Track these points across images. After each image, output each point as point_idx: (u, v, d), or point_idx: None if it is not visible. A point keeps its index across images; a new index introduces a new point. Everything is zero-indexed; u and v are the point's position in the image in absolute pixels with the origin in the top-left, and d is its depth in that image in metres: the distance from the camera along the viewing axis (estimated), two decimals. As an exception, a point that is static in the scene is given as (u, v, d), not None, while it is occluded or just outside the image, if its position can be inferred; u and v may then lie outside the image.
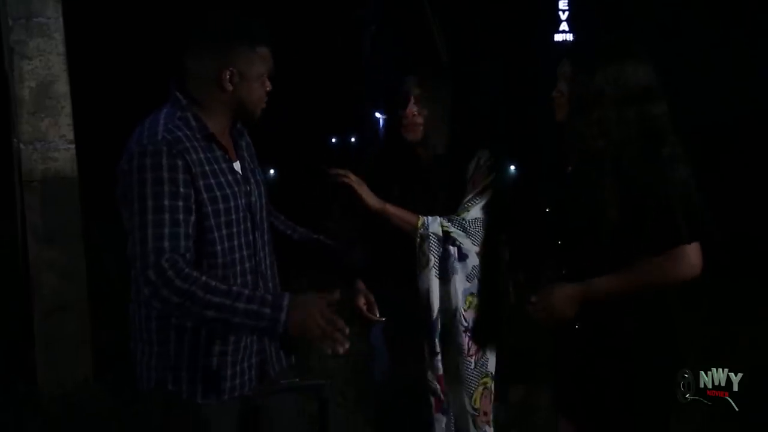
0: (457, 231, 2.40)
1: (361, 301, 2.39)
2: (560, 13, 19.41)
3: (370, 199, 2.36)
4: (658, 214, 2.05)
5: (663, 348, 2.21)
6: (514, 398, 3.50)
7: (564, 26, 19.45)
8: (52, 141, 3.83)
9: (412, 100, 2.40)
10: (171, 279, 1.78)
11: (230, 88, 1.93)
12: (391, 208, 2.38)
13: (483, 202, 2.44)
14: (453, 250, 2.40)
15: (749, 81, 11.24)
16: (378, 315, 2.36)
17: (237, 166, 2.02)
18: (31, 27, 3.79)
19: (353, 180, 2.34)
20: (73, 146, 3.89)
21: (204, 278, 1.80)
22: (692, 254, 2.06)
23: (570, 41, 19.26)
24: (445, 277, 2.41)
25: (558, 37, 19.39)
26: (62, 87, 3.85)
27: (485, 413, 2.49)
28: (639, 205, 2.06)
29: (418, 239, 2.38)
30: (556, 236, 2.22)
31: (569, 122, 2.15)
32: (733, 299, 5.19)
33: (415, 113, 2.40)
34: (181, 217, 1.82)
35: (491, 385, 2.51)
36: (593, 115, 2.09)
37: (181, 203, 1.83)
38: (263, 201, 2.11)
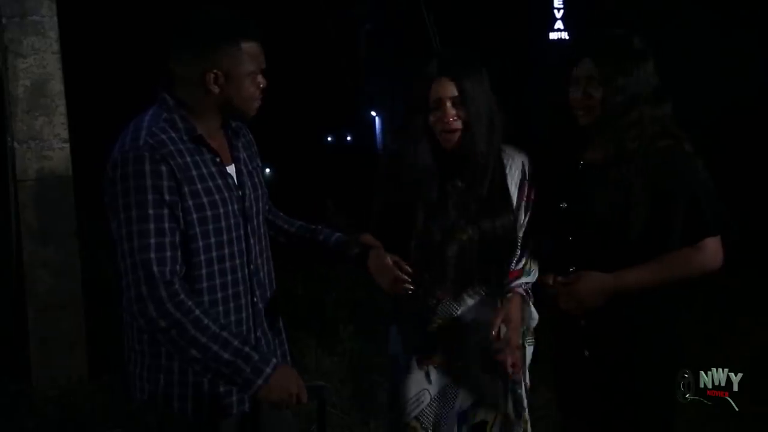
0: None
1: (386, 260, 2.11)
2: (555, 11, 19.42)
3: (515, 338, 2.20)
4: (687, 207, 2.10)
5: (668, 346, 2.23)
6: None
7: (559, 24, 19.46)
8: (46, 140, 3.82)
9: (449, 104, 2.15)
10: (162, 300, 1.73)
11: (216, 90, 1.84)
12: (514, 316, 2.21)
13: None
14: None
15: (739, 77, 11.28)
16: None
17: (231, 169, 1.94)
18: (25, 25, 3.77)
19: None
20: (67, 145, 3.87)
21: (197, 312, 1.75)
22: (717, 245, 2.14)
23: (565, 39, 19.25)
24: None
25: (553, 36, 19.40)
26: (57, 85, 3.84)
27: None
28: (669, 199, 2.11)
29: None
30: (569, 232, 2.22)
31: (608, 125, 2.15)
32: (731, 294, 5.21)
33: (454, 117, 2.15)
34: (166, 226, 1.76)
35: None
36: (632, 116, 2.12)
37: (166, 211, 1.77)
38: (261, 205, 2.03)
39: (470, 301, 2.24)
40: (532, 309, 2.29)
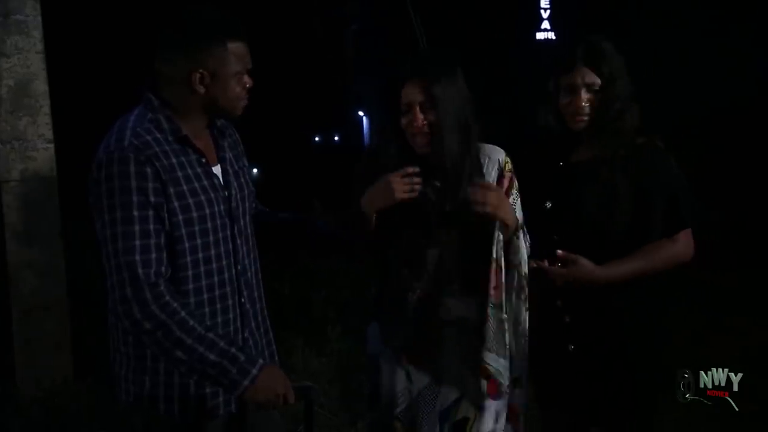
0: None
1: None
2: (542, 11, 19.49)
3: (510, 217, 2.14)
4: (666, 203, 2.20)
5: (656, 338, 2.29)
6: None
7: (546, 25, 19.52)
8: (30, 140, 3.78)
9: (417, 108, 2.14)
10: (147, 302, 1.72)
11: (202, 90, 1.84)
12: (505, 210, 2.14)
13: (520, 216, 2.25)
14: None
15: (733, 77, 11.37)
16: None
17: (217, 169, 1.94)
18: (8, 25, 3.74)
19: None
20: (51, 145, 3.84)
21: (183, 313, 1.74)
22: (689, 237, 2.25)
23: (552, 40, 19.31)
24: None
25: (540, 36, 19.47)
26: (41, 86, 3.80)
27: None
28: (650, 196, 2.19)
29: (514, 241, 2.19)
30: (553, 230, 2.27)
31: (603, 130, 2.22)
32: (729, 293, 5.24)
33: (422, 122, 2.14)
34: (151, 227, 1.76)
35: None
36: (626, 120, 2.22)
37: (151, 213, 1.76)
38: (247, 205, 2.03)
39: (450, 299, 2.24)
40: (525, 244, 2.23)
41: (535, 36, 19.37)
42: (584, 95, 2.21)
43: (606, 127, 2.21)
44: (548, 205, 2.29)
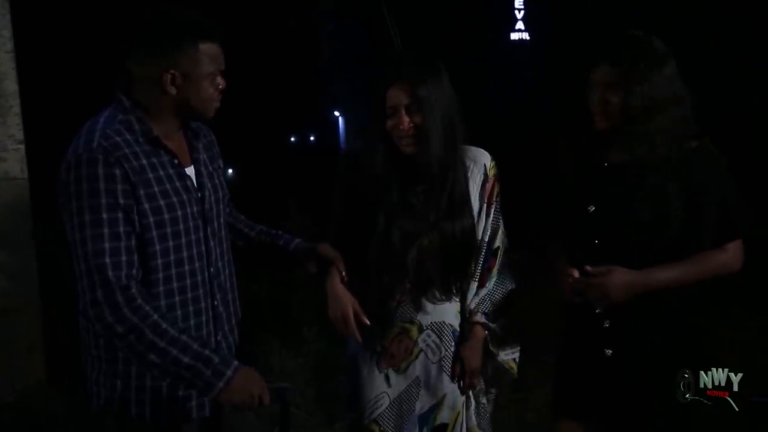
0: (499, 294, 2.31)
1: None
2: (516, 12, 19.60)
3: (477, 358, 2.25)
4: (717, 209, 2.12)
5: (697, 345, 2.24)
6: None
7: (520, 25, 19.64)
8: (0, 141, 3.74)
9: (403, 111, 2.11)
10: (119, 305, 1.71)
11: (173, 91, 1.82)
12: (474, 344, 2.25)
13: (501, 222, 2.29)
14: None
15: (722, 77, 11.50)
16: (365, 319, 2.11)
17: (190, 170, 1.92)
18: (-23, 24, 3.69)
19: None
20: (22, 146, 3.79)
21: (155, 316, 1.73)
22: (740, 246, 2.18)
23: (526, 40, 19.42)
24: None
25: (514, 36, 19.58)
26: (11, 85, 3.75)
27: None
28: (702, 202, 2.11)
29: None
30: (595, 235, 2.20)
31: (628, 132, 2.10)
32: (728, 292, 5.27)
33: (408, 125, 2.11)
34: (121, 229, 1.74)
35: None
36: (658, 122, 2.08)
37: (120, 215, 1.74)
38: (221, 206, 2.01)
39: (430, 305, 2.24)
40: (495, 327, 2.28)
41: (509, 36, 19.47)
42: (601, 94, 2.11)
43: (629, 129, 2.09)
44: (591, 208, 2.19)
